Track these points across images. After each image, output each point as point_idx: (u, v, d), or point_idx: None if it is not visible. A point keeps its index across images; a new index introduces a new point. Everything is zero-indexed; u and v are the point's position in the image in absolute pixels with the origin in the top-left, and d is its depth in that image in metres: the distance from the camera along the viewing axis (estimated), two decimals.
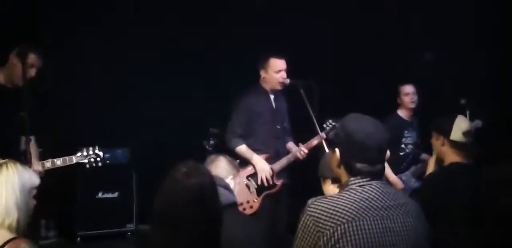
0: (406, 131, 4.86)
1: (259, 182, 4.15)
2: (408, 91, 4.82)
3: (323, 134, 4.14)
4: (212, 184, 2.02)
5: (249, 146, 4.18)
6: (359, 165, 1.90)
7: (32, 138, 3.49)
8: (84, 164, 3.64)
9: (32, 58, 3.63)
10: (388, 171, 4.26)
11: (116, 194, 4.99)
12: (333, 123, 4.22)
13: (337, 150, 1.96)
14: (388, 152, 1.98)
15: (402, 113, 4.88)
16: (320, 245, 1.81)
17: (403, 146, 4.82)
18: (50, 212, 4.70)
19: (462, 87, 5.14)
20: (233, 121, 4.20)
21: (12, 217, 2.09)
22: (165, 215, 1.90)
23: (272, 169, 4.19)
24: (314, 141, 4.21)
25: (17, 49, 3.67)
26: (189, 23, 5.43)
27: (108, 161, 3.71)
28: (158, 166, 5.13)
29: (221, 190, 2.55)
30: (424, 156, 4.90)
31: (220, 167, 2.85)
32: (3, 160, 2.23)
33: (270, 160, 4.22)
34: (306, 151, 4.18)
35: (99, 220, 4.85)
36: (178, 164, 2.04)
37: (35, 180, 2.23)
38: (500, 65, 5.16)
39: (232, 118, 4.21)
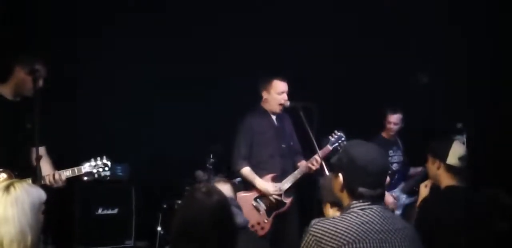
0: (391, 151, 5.12)
1: (267, 203, 4.20)
2: (392, 120, 5.10)
3: (328, 147, 4.22)
4: (228, 202, 2.11)
5: (254, 166, 4.22)
6: (361, 189, 1.98)
7: (43, 148, 3.42)
8: (92, 174, 3.57)
9: (41, 70, 3.49)
10: None
11: (115, 211, 4.99)
12: (338, 134, 4.26)
13: (340, 175, 2.05)
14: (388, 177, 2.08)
15: (386, 134, 5.19)
16: None
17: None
18: (48, 227, 4.67)
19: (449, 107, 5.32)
20: (237, 142, 4.26)
21: (27, 238, 2.07)
22: (192, 234, 1.93)
23: (279, 188, 4.20)
24: (324, 151, 4.19)
25: (23, 62, 3.52)
26: (193, 40, 5.46)
27: (109, 176, 3.72)
28: (157, 182, 5.25)
29: (235, 210, 2.69)
30: (412, 171, 5.13)
31: (225, 189, 2.99)
32: (10, 181, 2.21)
33: (277, 180, 4.24)
34: (319, 160, 4.11)
35: (98, 236, 4.85)
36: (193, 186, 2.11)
37: (43, 195, 2.20)
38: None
39: (236, 139, 4.28)
